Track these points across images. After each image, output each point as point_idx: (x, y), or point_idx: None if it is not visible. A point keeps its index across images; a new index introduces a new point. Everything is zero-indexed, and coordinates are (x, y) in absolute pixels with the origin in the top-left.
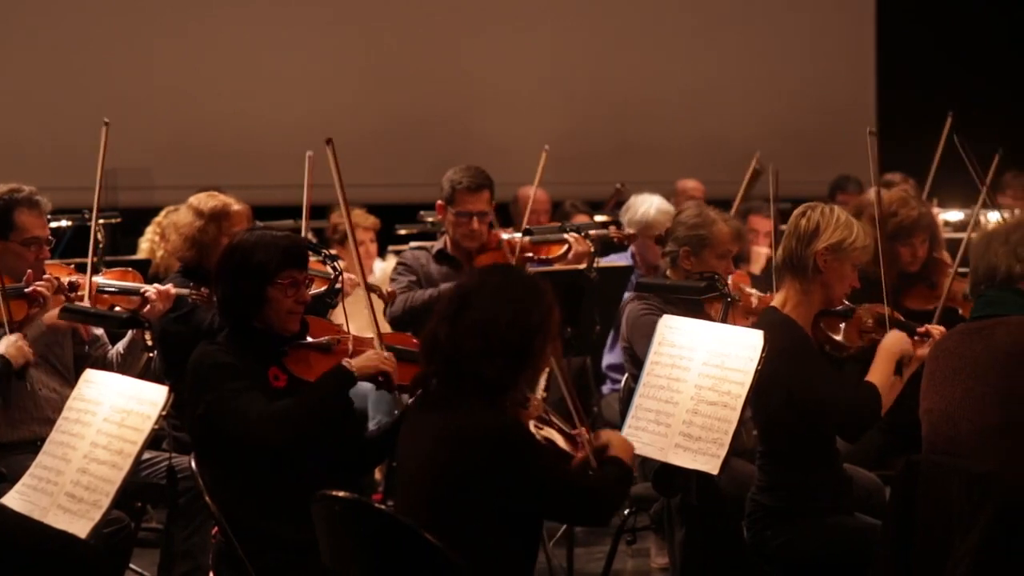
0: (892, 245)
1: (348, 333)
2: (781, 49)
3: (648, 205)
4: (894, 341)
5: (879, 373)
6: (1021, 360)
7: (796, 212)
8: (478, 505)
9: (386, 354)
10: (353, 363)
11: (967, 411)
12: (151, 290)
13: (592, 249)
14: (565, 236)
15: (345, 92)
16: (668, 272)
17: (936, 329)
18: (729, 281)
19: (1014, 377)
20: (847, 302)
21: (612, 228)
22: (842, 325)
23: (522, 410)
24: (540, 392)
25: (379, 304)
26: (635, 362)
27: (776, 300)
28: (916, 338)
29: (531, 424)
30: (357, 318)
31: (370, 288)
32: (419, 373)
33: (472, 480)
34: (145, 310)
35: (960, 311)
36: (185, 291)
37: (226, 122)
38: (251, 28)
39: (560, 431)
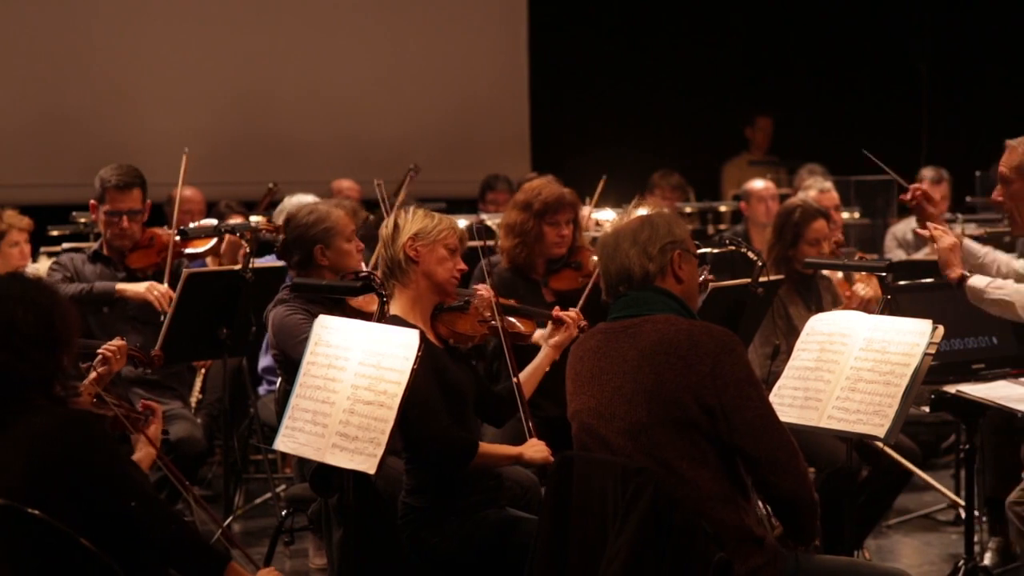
0: (539, 224)
1: None
2: (437, 52)
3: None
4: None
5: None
6: (667, 358)
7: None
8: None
9: None
10: None
11: (618, 409)
12: None
13: (247, 249)
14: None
15: None
16: (299, 276)
17: (568, 315)
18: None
19: (661, 374)
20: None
21: (263, 220)
22: (460, 318)
23: (76, 399)
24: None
25: None
26: (286, 367)
27: (394, 310)
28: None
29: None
30: None
31: None
32: None
33: (53, 495)
34: None
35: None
36: None
37: None
38: None
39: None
